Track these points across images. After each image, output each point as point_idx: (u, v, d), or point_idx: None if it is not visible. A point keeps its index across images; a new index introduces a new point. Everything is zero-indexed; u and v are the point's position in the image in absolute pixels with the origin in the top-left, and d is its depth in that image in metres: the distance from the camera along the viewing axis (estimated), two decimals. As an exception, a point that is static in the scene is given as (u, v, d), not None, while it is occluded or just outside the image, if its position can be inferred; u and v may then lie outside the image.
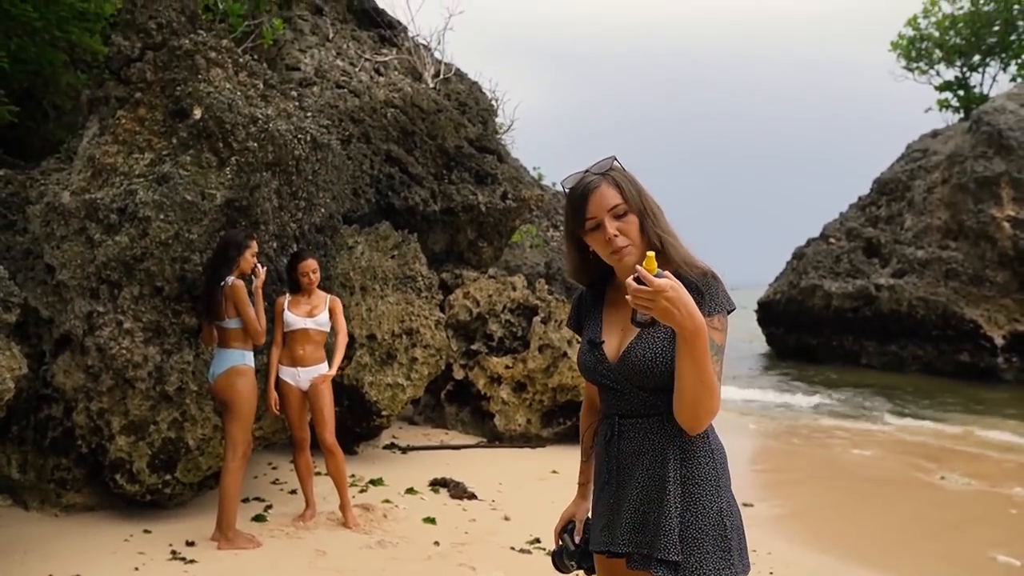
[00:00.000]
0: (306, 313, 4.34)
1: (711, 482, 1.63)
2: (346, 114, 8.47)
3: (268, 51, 8.63)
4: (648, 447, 1.64)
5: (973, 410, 11.64)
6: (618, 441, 1.68)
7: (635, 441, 1.66)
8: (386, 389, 6.21)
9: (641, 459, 1.65)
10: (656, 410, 1.64)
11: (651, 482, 1.62)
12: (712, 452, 1.66)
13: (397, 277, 6.76)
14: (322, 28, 9.59)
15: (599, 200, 1.63)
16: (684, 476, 1.61)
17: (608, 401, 1.73)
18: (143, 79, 4.66)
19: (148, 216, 4.11)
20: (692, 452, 1.63)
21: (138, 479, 4.10)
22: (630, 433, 1.67)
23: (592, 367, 1.72)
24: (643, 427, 1.66)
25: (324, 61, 9.00)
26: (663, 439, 1.63)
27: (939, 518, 5.89)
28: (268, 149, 4.64)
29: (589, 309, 1.83)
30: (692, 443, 1.63)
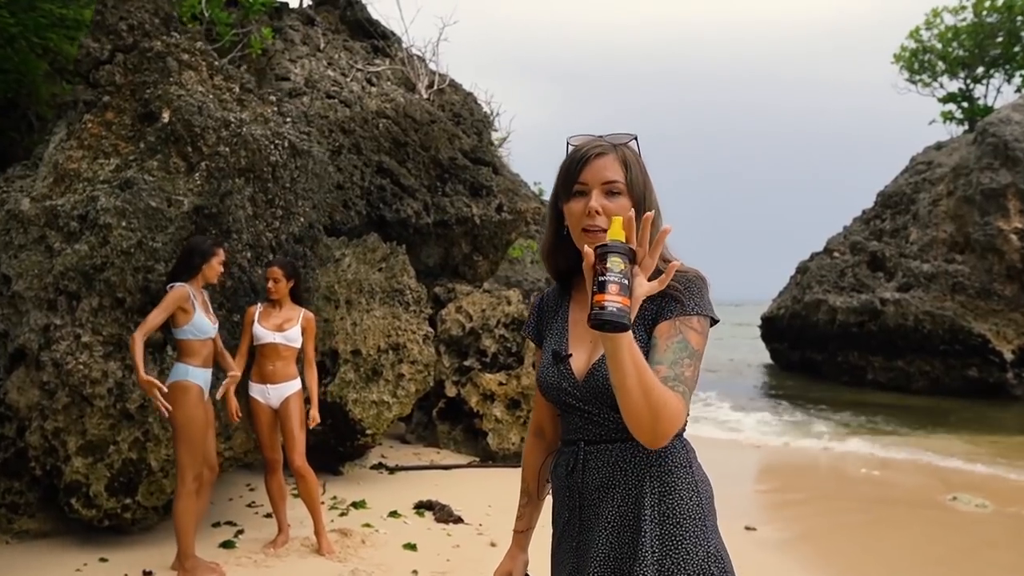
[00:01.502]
0: (276, 327, 4.09)
1: (695, 521, 1.36)
2: (336, 124, 8.29)
3: (257, 61, 8.47)
4: (619, 479, 1.37)
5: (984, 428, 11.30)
6: (583, 472, 1.41)
7: (603, 472, 1.39)
8: (371, 407, 5.96)
9: (610, 494, 1.37)
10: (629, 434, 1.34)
11: (623, 522, 1.35)
12: (696, 486, 1.39)
13: (384, 290, 6.53)
14: (313, 38, 9.44)
15: (598, 168, 1.37)
16: (663, 514, 1.34)
17: (571, 425, 1.45)
18: (112, 82, 4.45)
19: (109, 223, 3.89)
20: (673, 485, 1.36)
21: (95, 503, 3.84)
22: (597, 463, 1.40)
23: (554, 385, 1.44)
24: (613, 455, 1.38)
25: (315, 71, 8.83)
26: (637, 469, 1.36)
27: (952, 542, 5.58)
28: (241, 154, 4.43)
29: (552, 314, 1.56)
30: (673, 474, 1.37)
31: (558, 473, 1.48)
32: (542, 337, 1.56)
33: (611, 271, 1.11)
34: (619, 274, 1.11)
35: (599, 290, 1.11)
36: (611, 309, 1.09)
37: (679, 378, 1.25)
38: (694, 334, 1.32)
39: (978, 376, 15.05)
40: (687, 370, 1.27)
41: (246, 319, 4.13)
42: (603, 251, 1.13)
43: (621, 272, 1.11)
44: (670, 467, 1.37)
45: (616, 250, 1.13)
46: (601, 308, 1.10)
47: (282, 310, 4.13)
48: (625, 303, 1.11)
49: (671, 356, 1.28)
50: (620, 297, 1.10)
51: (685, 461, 1.40)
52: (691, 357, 1.29)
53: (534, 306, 1.63)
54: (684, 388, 1.24)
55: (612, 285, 1.10)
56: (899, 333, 16.04)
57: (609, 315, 1.09)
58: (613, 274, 1.11)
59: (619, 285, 1.10)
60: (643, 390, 1.15)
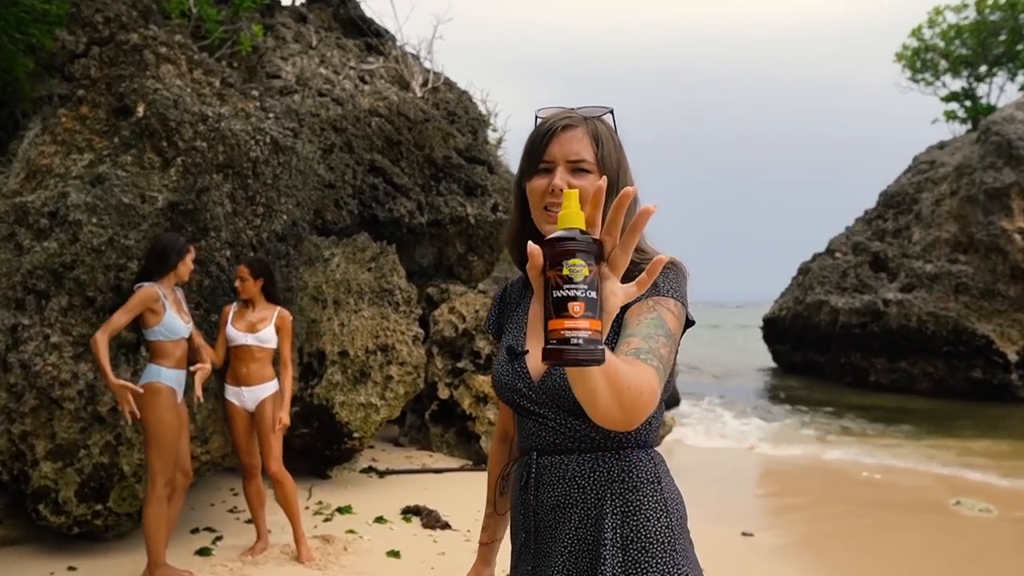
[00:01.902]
0: (248, 327, 3.95)
1: (664, 546, 1.19)
2: (328, 123, 8.16)
3: (248, 58, 8.36)
4: (577, 498, 1.21)
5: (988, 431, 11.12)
6: (536, 489, 1.25)
7: (559, 489, 1.22)
8: (358, 409, 5.82)
9: (568, 515, 1.21)
10: (589, 443, 1.22)
11: (581, 547, 1.20)
12: (665, 504, 1.22)
13: (373, 290, 6.39)
14: (305, 36, 9.33)
15: (565, 143, 1.21)
16: (626, 538, 1.18)
17: (525, 432, 1.29)
18: (87, 75, 4.33)
19: (79, 220, 3.76)
20: (638, 504, 1.20)
21: (64, 509, 3.71)
22: (552, 477, 1.23)
23: (508, 385, 1.28)
24: (571, 468, 1.22)
25: (306, 69, 8.71)
26: (597, 486, 1.20)
27: (956, 548, 5.42)
28: (219, 149, 4.30)
29: (514, 306, 1.42)
30: (638, 491, 1.20)
31: (513, 488, 1.33)
32: (503, 332, 1.42)
33: (571, 281, 0.79)
34: (583, 285, 0.79)
35: (556, 312, 0.79)
36: (577, 343, 0.78)
37: (653, 352, 1.03)
38: (670, 315, 1.13)
39: (982, 378, 14.87)
40: (663, 348, 1.06)
41: (221, 319, 4.00)
42: (557, 250, 0.81)
43: (585, 281, 0.79)
44: (635, 483, 1.21)
45: (576, 248, 0.80)
46: (562, 342, 0.78)
47: (255, 310, 3.99)
48: (595, 328, 0.79)
49: (645, 330, 1.07)
50: (587, 320, 0.78)
51: (653, 476, 1.23)
52: (667, 337, 1.08)
53: (496, 298, 1.49)
54: (658, 364, 1.02)
55: (574, 304, 0.78)
56: (902, 334, 15.87)
57: (575, 354, 0.78)
58: (574, 286, 0.79)
59: (584, 302, 0.79)
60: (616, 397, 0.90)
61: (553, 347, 0.79)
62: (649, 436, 1.25)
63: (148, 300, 3.43)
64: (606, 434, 1.20)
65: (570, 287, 0.79)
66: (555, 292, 0.80)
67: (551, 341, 0.80)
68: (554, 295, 0.80)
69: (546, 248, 0.82)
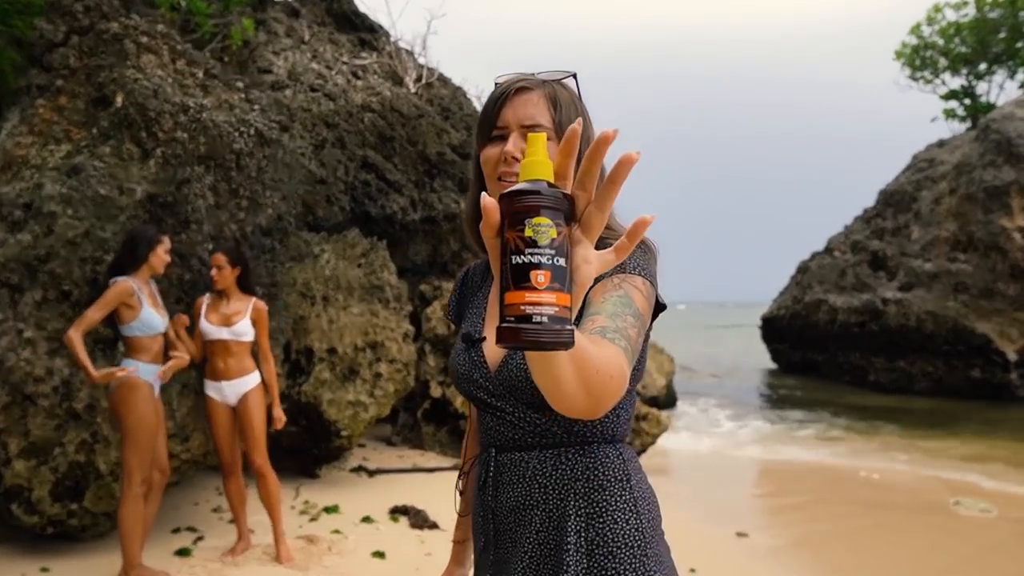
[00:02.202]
0: (223, 320, 3.83)
1: (633, 551, 1.08)
2: (320, 118, 8.05)
3: (239, 53, 8.26)
4: (538, 498, 1.10)
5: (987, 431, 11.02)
6: (495, 489, 1.14)
7: (519, 489, 1.12)
8: (347, 407, 5.72)
9: (528, 517, 1.11)
10: (551, 439, 1.11)
11: (543, 552, 1.09)
12: (635, 504, 1.11)
13: (363, 287, 6.30)
14: (297, 31, 9.23)
15: (519, 107, 1.10)
16: (592, 542, 1.07)
17: (484, 426, 1.19)
18: (66, 65, 4.23)
19: (54, 211, 3.66)
20: (604, 505, 1.09)
21: (38, 509, 3.61)
22: (511, 476, 1.13)
23: (464, 374, 1.18)
24: (531, 466, 1.11)
25: (298, 64, 8.61)
26: (560, 485, 1.09)
27: (956, 549, 5.33)
28: (200, 141, 4.20)
29: (475, 290, 1.32)
30: (604, 490, 1.09)
31: (474, 487, 1.23)
32: (463, 318, 1.33)
33: (534, 245, 0.64)
34: (549, 250, 0.64)
35: (515, 282, 0.64)
36: (539, 321, 0.63)
37: (620, 332, 0.91)
38: (639, 294, 1.01)
39: (981, 377, 14.78)
40: (631, 329, 0.93)
41: (194, 312, 3.88)
42: (518, 205, 0.65)
43: (552, 245, 0.64)
44: (601, 482, 1.10)
45: (542, 204, 0.64)
46: (521, 319, 0.63)
47: (230, 301, 3.86)
48: (563, 303, 0.64)
49: (611, 308, 0.95)
50: (553, 293, 0.63)
51: (621, 473, 1.12)
52: (635, 317, 0.96)
53: (457, 282, 1.39)
54: (626, 344, 0.90)
55: (538, 272, 0.63)
56: (901, 333, 15.78)
57: (536, 335, 0.63)
58: (538, 251, 0.63)
59: (550, 270, 0.63)
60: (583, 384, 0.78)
61: (510, 325, 0.63)
62: (617, 429, 1.15)
63: (123, 295, 3.33)
64: (569, 428, 1.10)
65: (533, 252, 0.64)
66: (514, 258, 0.64)
67: (508, 318, 0.64)
68: (513, 261, 0.64)
69: (504, 203, 0.66)
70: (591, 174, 0.67)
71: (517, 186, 0.66)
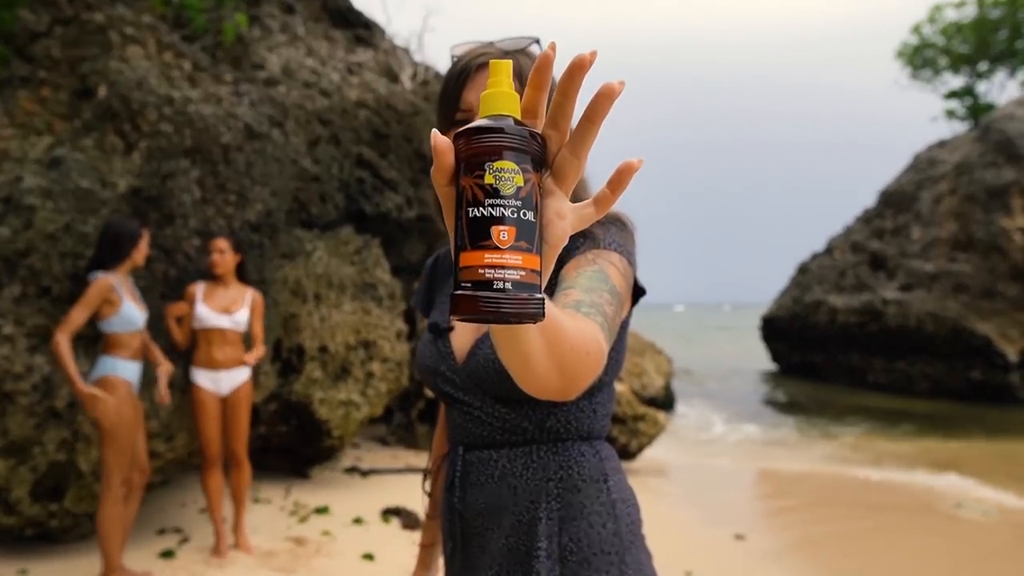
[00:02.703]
0: (223, 308, 3.79)
1: (610, 557, 0.99)
2: (314, 115, 7.97)
3: (232, 48, 8.17)
4: (508, 500, 1.02)
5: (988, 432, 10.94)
6: (462, 489, 1.06)
7: (488, 490, 1.03)
8: (338, 407, 5.63)
9: (498, 520, 1.03)
10: (522, 435, 1.02)
11: (512, 559, 1.01)
12: (613, 507, 1.02)
13: (356, 284, 6.21)
14: (292, 26, 9.14)
15: (483, 84, 1.00)
16: (565, 548, 0.99)
17: (451, 423, 1.11)
18: (49, 56, 4.14)
19: (33, 205, 3.57)
20: (579, 507, 1.00)
21: (17, 509, 3.51)
22: (480, 476, 1.05)
23: (431, 366, 1.10)
24: (501, 465, 1.03)
25: (293, 60, 8.52)
26: (531, 486, 1.01)
27: (957, 552, 5.23)
28: (186, 134, 4.11)
29: (443, 279, 1.24)
30: (579, 491, 1.00)
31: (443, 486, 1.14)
32: (432, 307, 1.24)
33: (496, 194, 0.52)
34: (514, 201, 0.53)
35: (472, 240, 0.52)
36: (502, 287, 0.52)
37: (596, 307, 0.83)
38: (615, 270, 0.93)
39: (981, 378, 14.69)
40: (607, 306, 0.85)
41: (186, 298, 3.80)
42: (476, 146, 0.53)
43: (518, 195, 0.53)
44: (575, 482, 1.01)
45: (506, 143, 0.53)
46: (479, 285, 0.52)
47: (228, 289, 3.82)
48: (531, 266, 0.53)
49: (585, 283, 0.87)
50: (518, 254, 0.52)
51: (598, 473, 1.03)
52: (611, 294, 0.88)
53: (426, 269, 1.30)
54: (602, 320, 0.81)
55: (500, 228, 0.52)
56: (900, 334, 15.69)
57: (498, 304, 0.52)
58: (502, 201, 0.52)
59: (515, 226, 0.52)
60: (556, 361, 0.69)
61: (466, 293, 0.52)
62: (594, 425, 1.06)
63: (104, 291, 3.24)
64: (542, 424, 1.01)
65: (494, 203, 0.52)
66: (471, 211, 0.52)
67: (463, 284, 0.52)
68: (469, 215, 0.52)
69: (460, 143, 0.54)
70: (564, 109, 0.55)
71: (476, 122, 0.54)
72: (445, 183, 0.55)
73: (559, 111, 0.55)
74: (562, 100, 0.54)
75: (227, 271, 3.79)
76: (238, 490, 3.99)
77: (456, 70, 1.04)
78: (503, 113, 0.55)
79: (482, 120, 0.54)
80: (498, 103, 0.55)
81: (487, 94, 0.55)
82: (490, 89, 0.56)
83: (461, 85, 1.02)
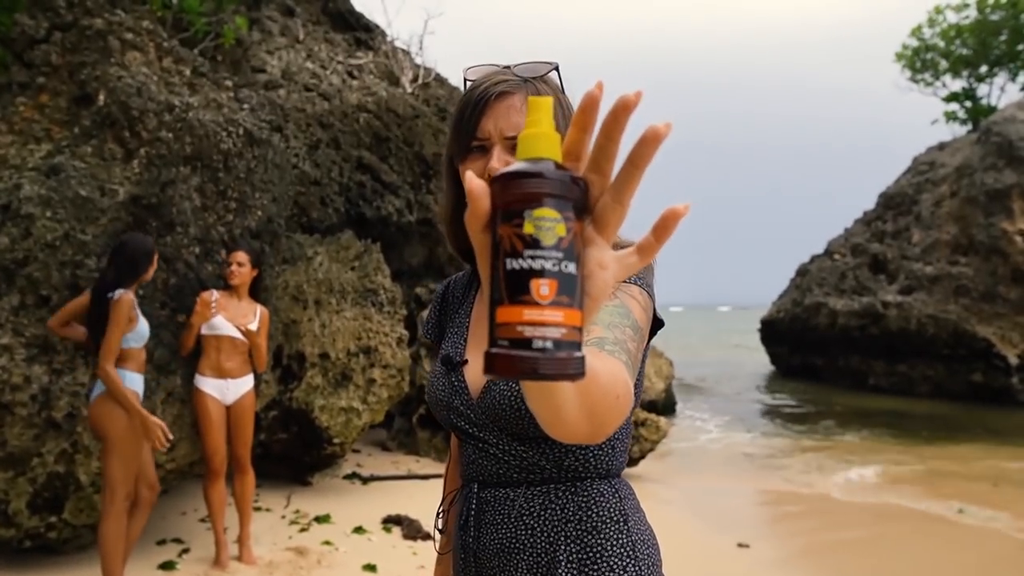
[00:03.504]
0: (236, 318, 3.80)
1: None
2: (314, 118, 7.94)
3: (232, 52, 8.13)
4: (524, 542, 0.98)
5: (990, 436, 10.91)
6: (476, 529, 1.02)
7: (504, 530, 1.00)
8: (339, 414, 5.59)
9: (514, 562, 0.99)
10: (539, 474, 0.99)
11: None
12: (634, 548, 0.98)
13: (356, 290, 6.17)
14: (292, 29, 9.11)
15: (501, 115, 0.98)
16: None
17: (465, 459, 1.07)
18: (47, 62, 4.10)
19: (32, 213, 3.53)
20: (599, 550, 0.97)
21: (15, 522, 3.48)
22: (495, 515, 1.01)
23: (442, 400, 1.06)
24: (517, 505, 1.00)
25: (293, 63, 8.49)
26: (549, 527, 0.98)
27: (962, 559, 5.21)
28: (186, 141, 4.07)
29: (455, 307, 1.20)
30: (599, 532, 0.97)
31: (454, 524, 1.10)
32: (443, 336, 1.20)
33: (536, 245, 0.49)
34: (555, 252, 0.49)
35: (510, 294, 0.49)
36: (541, 347, 0.48)
37: (620, 344, 0.79)
38: (636, 305, 0.90)
39: (982, 381, 14.67)
40: (630, 342, 0.82)
41: (199, 304, 3.79)
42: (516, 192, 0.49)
43: (559, 245, 0.49)
44: (595, 523, 0.98)
45: (546, 191, 0.49)
46: (517, 344, 0.48)
47: (241, 302, 3.86)
48: (572, 323, 0.49)
49: (607, 318, 0.84)
50: (559, 310, 0.49)
51: (617, 513, 1.00)
52: (634, 330, 0.85)
53: (436, 296, 1.26)
54: (627, 358, 0.79)
55: (540, 281, 0.48)
56: (901, 337, 15.67)
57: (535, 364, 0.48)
58: (542, 253, 0.48)
59: (556, 279, 0.49)
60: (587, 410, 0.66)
61: (503, 352, 0.48)
62: (613, 463, 1.02)
63: (130, 308, 3.24)
64: (559, 463, 0.98)
65: (534, 254, 0.48)
66: (509, 262, 0.49)
67: (500, 341, 0.49)
68: (507, 267, 0.49)
69: (497, 188, 0.50)
70: (608, 152, 0.50)
71: (514, 166, 0.50)
72: (480, 230, 0.52)
73: (602, 154, 0.51)
74: (605, 143, 0.50)
75: (243, 284, 3.85)
76: (243, 499, 3.97)
77: (474, 97, 1.01)
78: (543, 156, 0.51)
79: (521, 164, 0.50)
80: (538, 145, 0.51)
81: (526, 135, 0.52)
82: (529, 129, 0.52)
83: (480, 113, 0.99)
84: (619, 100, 0.49)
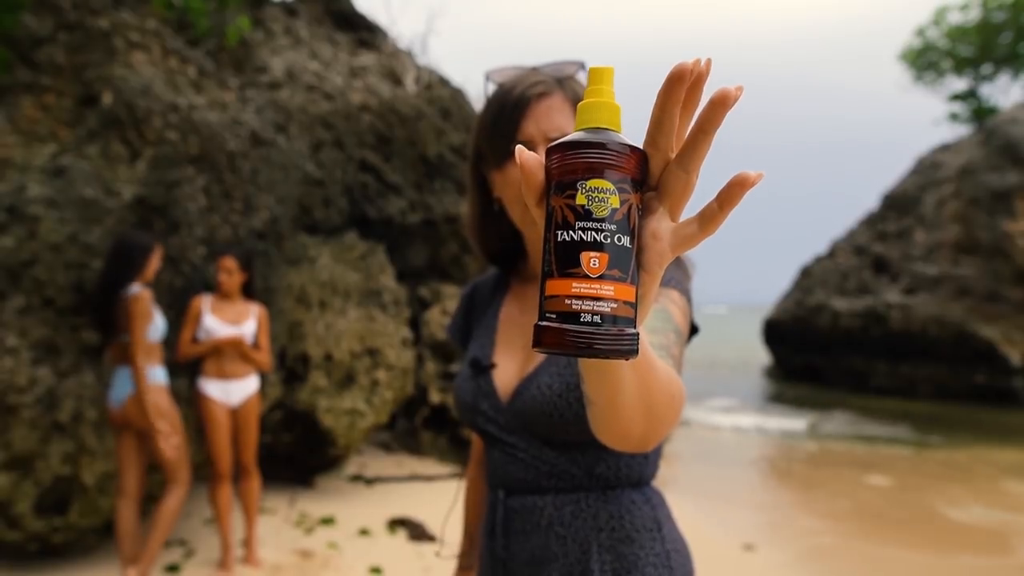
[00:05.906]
0: (231, 320, 3.75)
1: None
2: (317, 118, 7.93)
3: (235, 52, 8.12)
4: (555, 551, 0.96)
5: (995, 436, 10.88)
6: (505, 538, 1.00)
7: (535, 539, 0.97)
8: (343, 416, 5.57)
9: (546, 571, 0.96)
10: (570, 481, 0.97)
11: None
12: (668, 558, 0.96)
13: (360, 291, 6.15)
14: (295, 30, 9.09)
15: (542, 117, 0.96)
16: None
17: (493, 464, 1.05)
18: (52, 62, 4.08)
19: (37, 214, 3.51)
20: (633, 559, 0.94)
21: (20, 524, 3.46)
22: (525, 523, 0.98)
23: (470, 404, 1.05)
24: (547, 513, 0.97)
25: (296, 63, 8.47)
26: (581, 536, 0.95)
27: (972, 560, 5.18)
28: (191, 141, 4.06)
29: (482, 310, 1.18)
30: (633, 542, 0.94)
31: (481, 531, 1.08)
32: (469, 339, 1.18)
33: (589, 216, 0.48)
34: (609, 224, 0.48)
35: (560, 266, 0.48)
36: (592, 320, 0.47)
37: (666, 349, 0.79)
38: (677, 311, 0.89)
39: (985, 382, 14.64)
40: (674, 348, 0.81)
41: (191, 311, 3.75)
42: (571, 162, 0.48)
43: (613, 218, 0.48)
44: (628, 532, 0.95)
45: (604, 160, 0.48)
46: (565, 316, 0.47)
47: (234, 304, 3.80)
48: (624, 297, 0.48)
49: (651, 323, 0.82)
50: (611, 284, 0.47)
51: (651, 522, 0.98)
52: (677, 335, 0.84)
53: (462, 298, 1.24)
54: (673, 364, 0.78)
55: (591, 254, 0.47)
56: (904, 338, 15.64)
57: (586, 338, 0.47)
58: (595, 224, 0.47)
59: (609, 252, 0.48)
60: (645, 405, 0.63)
61: (551, 325, 0.47)
62: (645, 471, 1.00)
63: (148, 303, 3.25)
64: (591, 470, 0.96)
65: (586, 225, 0.47)
66: (560, 234, 0.48)
67: (548, 314, 0.48)
68: (558, 237, 0.48)
69: (552, 159, 0.49)
70: (663, 126, 0.48)
71: (571, 136, 0.49)
72: (535, 202, 0.50)
73: (657, 128, 0.48)
74: (660, 115, 0.48)
75: (235, 290, 3.80)
76: (249, 502, 3.96)
77: (511, 100, 0.98)
78: (602, 126, 0.49)
79: (578, 133, 0.49)
80: (598, 114, 0.49)
81: (585, 104, 0.50)
82: (589, 99, 0.50)
83: (520, 116, 0.97)
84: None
